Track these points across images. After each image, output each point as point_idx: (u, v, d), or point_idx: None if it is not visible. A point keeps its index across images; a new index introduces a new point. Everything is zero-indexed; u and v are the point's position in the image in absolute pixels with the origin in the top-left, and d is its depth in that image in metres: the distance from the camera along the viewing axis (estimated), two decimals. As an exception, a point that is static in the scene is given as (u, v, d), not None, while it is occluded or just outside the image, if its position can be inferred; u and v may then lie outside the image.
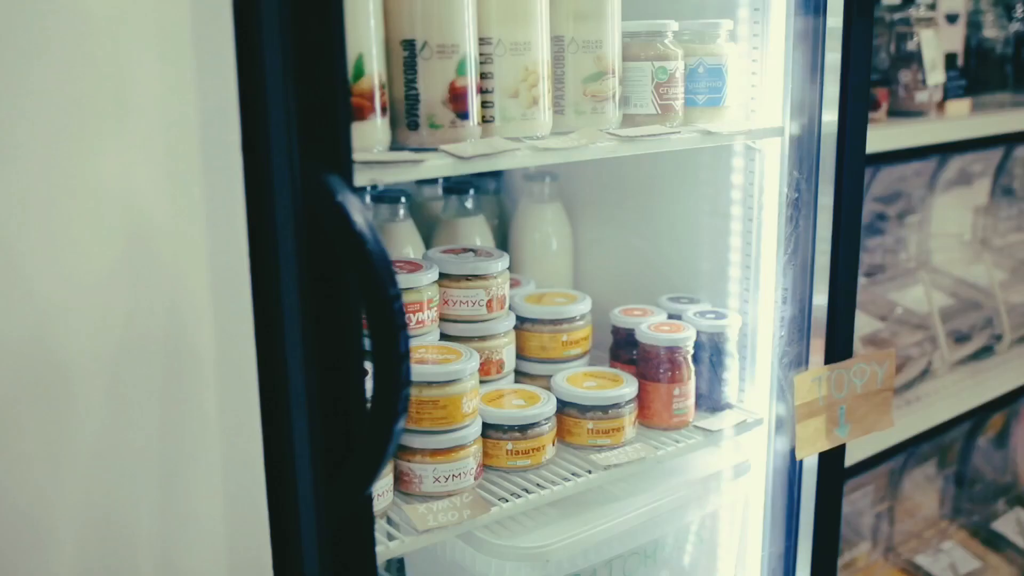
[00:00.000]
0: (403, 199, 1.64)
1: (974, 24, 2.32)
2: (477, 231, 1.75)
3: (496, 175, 1.94)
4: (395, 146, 1.18)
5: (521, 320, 1.57)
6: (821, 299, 1.52)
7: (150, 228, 0.97)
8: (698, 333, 1.59)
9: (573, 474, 1.43)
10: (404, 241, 1.63)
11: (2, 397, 0.92)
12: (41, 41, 0.89)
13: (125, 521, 1.01)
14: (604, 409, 1.47)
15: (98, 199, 0.94)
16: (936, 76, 2.06)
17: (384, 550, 1.24)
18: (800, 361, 1.56)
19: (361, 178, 1.08)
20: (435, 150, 1.17)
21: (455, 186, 1.76)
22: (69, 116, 0.91)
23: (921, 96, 2.05)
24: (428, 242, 1.72)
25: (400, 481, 1.34)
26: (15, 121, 0.89)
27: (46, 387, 0.94)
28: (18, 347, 0.92)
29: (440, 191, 1.83)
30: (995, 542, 2.52)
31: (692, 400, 1.59)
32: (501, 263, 1.50)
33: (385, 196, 1.64)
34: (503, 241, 1.88)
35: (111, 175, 0.94)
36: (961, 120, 2.12)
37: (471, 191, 1.75)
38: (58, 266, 0.92)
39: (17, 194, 0.90)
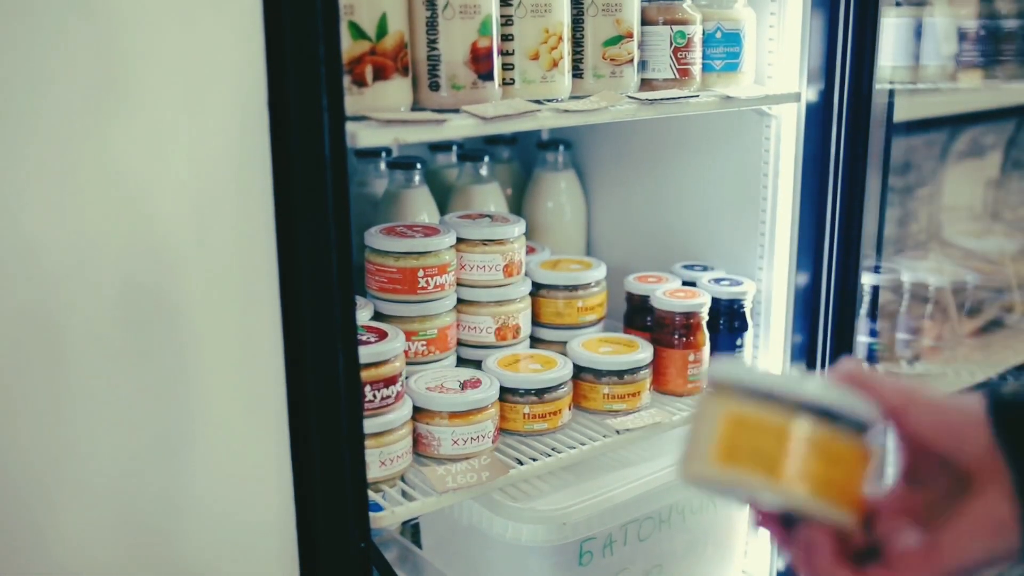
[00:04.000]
0: (418, 165, 1.64)
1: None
2: (491, 199, 1.75)
3: (510, 143, 1.93)
4: (416, 107, 1.19)
5: (537, 286, 1.58)
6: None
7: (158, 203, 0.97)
8: (713, 300, 1.59)
9: (589, 438, 1.44)
10: (419, 207, 1.63)
11: (7, 366, 0.92)
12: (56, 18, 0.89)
13: (129, 490, 1.01)
14: (620, 374, 1.48)
15: (109, 172, 0.94)
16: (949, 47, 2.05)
17: (403, 510, 1.24)
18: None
19: (384, 136, 1.08)
20: (457, 111, 1.17)
21: (470, 153, 1.76)
22: (86, 96, 0.91)
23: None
24: (443, 209, 1.72)
25: (418, 443, 1.35)
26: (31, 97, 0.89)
27: (50, 358, 0.94)
28: (22, 318, 0.92)
29: (454, 158, 1.83)
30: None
31: (707, 366, 1.59)
32: (518, 228, 1.50)
33: (400, 162, 1.64)
34: (517, 209, 1.88)
35: (120, 149, 0.94)
36: (974, 92, 2.11)
37: (485, 159, 1.75)
38: (66, 238, 0.92)
39: (29, 169, 0.90)
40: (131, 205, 0.94)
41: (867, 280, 1.89)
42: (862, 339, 1.87)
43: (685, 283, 1.66)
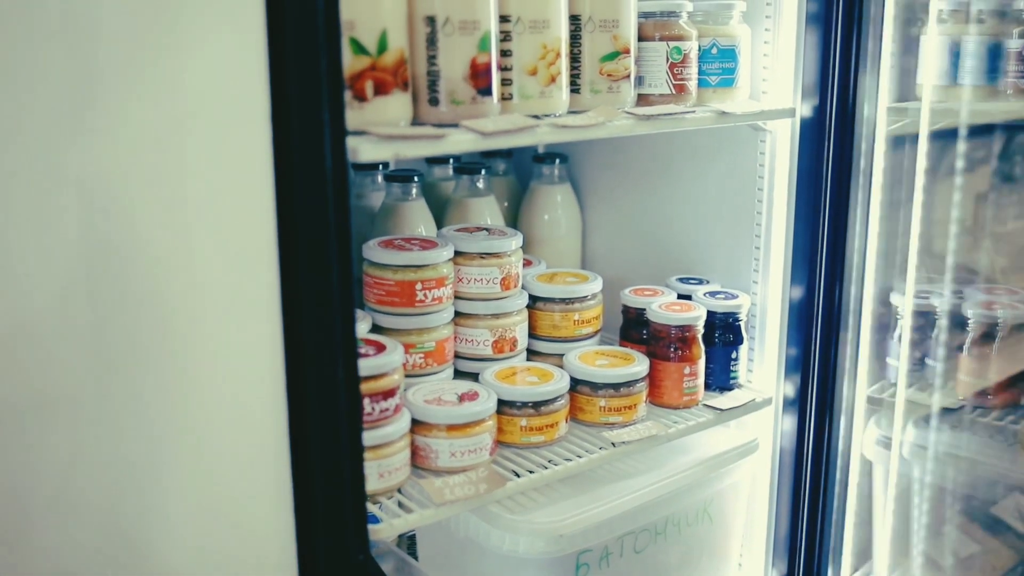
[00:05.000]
0: (416, 178, 1.64)
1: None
2: (488, 211, 1.76)
3: (507, 156, 1.94)
4: (416, 122, 1.19)
5: (533, 299, 1.58)
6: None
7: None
8: (708, 313, 1.60)
9: (586, 451, 1.45)
10: (417, 220, 1.64)
11: None
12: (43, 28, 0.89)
13: (122, 504, 1.02)
14: (616, 387, 1.49)
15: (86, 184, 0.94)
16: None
17: (401, 522, 1.25)
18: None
19: (385, 151, 1.09)
20: (456, 126, 1.18)
21: (466, 166, 1.77)
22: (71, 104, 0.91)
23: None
24: (439, 222, 1.73)
25: (416, 456, 1.35)
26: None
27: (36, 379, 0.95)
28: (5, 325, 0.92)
29: (451, 171, 1.84)
30: (994, 526, 2.53)
31: (702, 379, 1.60)
32: (515, 241, 1.51)
33: (398, 175, 1.65)
34: (513, 222, 1.89)
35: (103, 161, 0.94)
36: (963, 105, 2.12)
37: (482, 172, 1.76)
38: (56, 246, 0.93)
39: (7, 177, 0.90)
40: (124, 215, 0.95)
41: (895, 302, 1.89)
42: (891, 362, 1.87)
43: (681, 296, 1.67)
